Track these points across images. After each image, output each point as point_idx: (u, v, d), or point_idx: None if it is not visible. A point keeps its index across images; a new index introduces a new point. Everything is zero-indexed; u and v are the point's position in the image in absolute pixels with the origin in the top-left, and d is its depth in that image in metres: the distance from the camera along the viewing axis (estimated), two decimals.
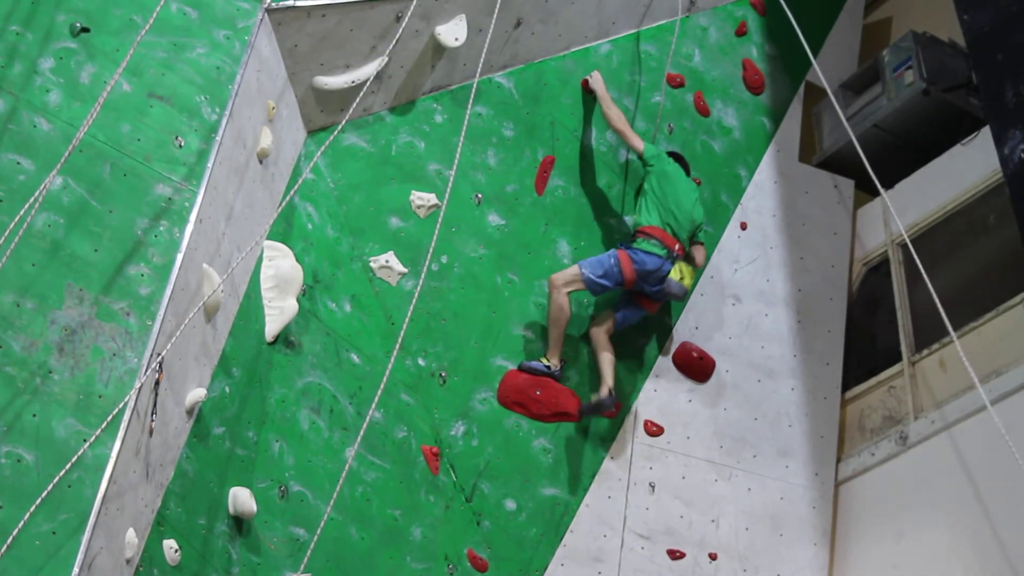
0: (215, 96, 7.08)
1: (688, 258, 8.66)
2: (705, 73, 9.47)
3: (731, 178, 9.41)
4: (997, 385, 7.93)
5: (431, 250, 7.38)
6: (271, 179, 7.71)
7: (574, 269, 8.39)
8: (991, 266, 8.72)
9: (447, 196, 7.81)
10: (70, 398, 5.87)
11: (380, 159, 8.30)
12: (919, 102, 9.27)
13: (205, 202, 6.74)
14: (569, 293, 8.34)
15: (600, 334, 8.51)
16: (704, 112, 9.40)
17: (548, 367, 8.37)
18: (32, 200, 5.97)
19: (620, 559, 8.36)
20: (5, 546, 5.36)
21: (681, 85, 9.36)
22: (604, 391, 8.30)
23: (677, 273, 8.42)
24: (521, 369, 8.38)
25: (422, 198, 8.33)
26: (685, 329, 8.99)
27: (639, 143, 8.70)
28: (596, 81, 8.89)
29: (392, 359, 7.12)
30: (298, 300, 7.55)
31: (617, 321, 8.55)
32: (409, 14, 7.93)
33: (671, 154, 8.81)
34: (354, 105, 7.56)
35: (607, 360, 8.42)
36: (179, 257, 6.48)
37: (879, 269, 9.46)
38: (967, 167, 8.91)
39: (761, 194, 9.49)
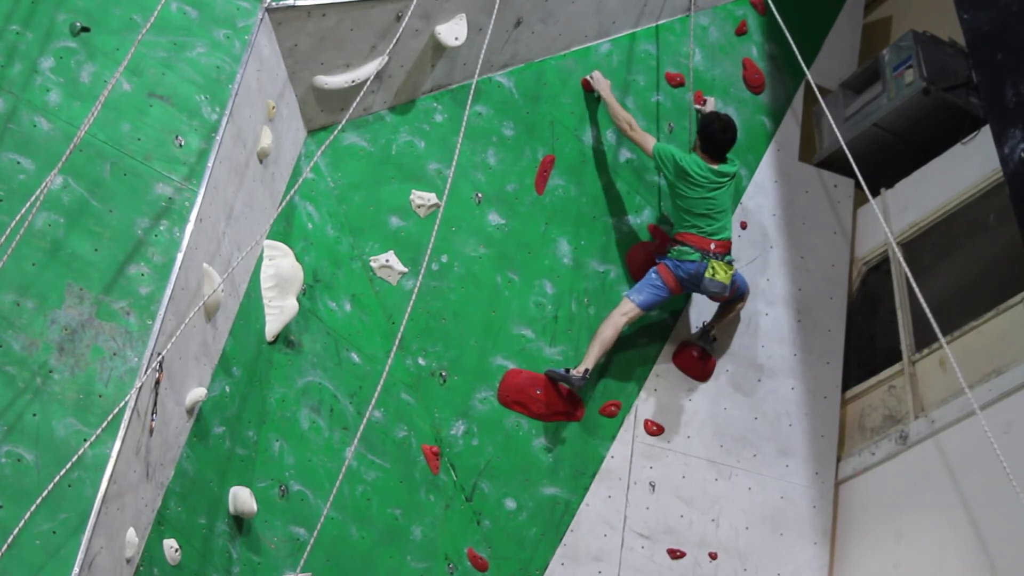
0: (215, 95, 7.07)
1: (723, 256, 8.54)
2: (705, 72, 9.47)
3: None
4: (998, 384, 7.93)
5: (430, 249, 7.38)
6: (271, 178, 7.71)
7: (625, 302, 8.49)
8: (991, 266, 8.72)
9: (446, 195, 7.81)
10: (70, 398, 5.87)
11: (380, 158, 8.30)
12: (919, 101, 9.26)
13: (205, 201, 6.74)
14: (627, 321, 8.48)
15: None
16: None
17: (567, 369, 8.38)
18: (32, 200, 5.97)
19: (620, 558, 8.36)
20: (5, 546, 5.36)
21: (681, 84, 9.35)
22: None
23: (711, 271, 8.41)
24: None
25: (422, 197, 8.33)
26: (685, 328, 8.99)
27: (648, 144, 8.67)
28: (598, 81, 8.89)
29: (391, 358, 7.12)
30: (298, 299, 7.55)
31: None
32: (409, 13, 7.93)
33: (706, 126, 8.66)
34: (354, 104, 7.56)
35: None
36: (179, 256, 6.48)
37: (879, 268, 9.46)
38: (967, 166, 8.90)
39: (761, 193, 9.49)
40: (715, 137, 8.60)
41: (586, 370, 8.34)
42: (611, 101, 8.82)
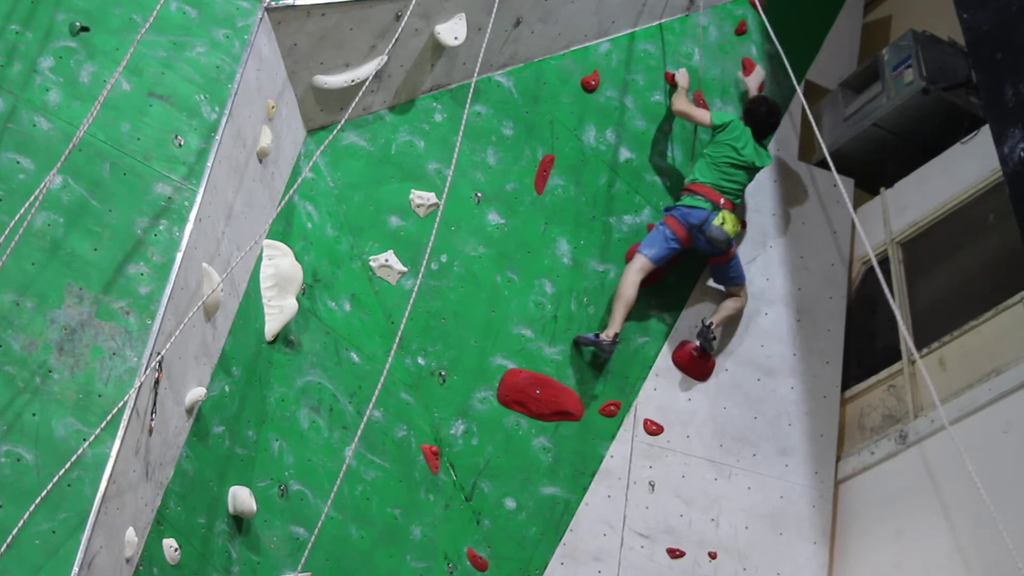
0: (215, 95, 7.08)
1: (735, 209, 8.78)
2: (705, 72, 9.47)
3: None
4: (997, 384, 7.93)
5: (429, 248, 7.38)
6: (271, 178, 7.71)
7: (638, 257, 8.60)
8: (991, 265, 8.72)
9: (445, 194, 7.82)
10: (70, 397, 5.87)
11: (380, 158, 8.30)
12: (919, 101, 9.27)
13: (205, 201, 6.74)
14: (643, 276, 8.58)
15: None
16: None
17: (597, 334, 8.47)
18: (32, 199, 5.96)
19: (620, 558, 8.36)
20: (5, 545, 5.36)
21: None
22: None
23: (720, 219, 8.58)
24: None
25: (422, 197, 8.34)
26: (685, 328, 9.00)
27: (704, 116, 8.92)
28: (681, 76, 9.17)
29: (390, 357, 7.12)
30: (298, 299, 7.55)
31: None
32: (409, 13, 7.93)
33: (753, 107, 9.03)
34: (354, 104, 7.56)
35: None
36: (179, 256, 6.48)
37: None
38: (967, 166, 8.91)
39: (761, 193, 9.49)
40: (759, 118, 8.99)
41: (615, 334, 8.42)
42: (682, 90, 9.10)
